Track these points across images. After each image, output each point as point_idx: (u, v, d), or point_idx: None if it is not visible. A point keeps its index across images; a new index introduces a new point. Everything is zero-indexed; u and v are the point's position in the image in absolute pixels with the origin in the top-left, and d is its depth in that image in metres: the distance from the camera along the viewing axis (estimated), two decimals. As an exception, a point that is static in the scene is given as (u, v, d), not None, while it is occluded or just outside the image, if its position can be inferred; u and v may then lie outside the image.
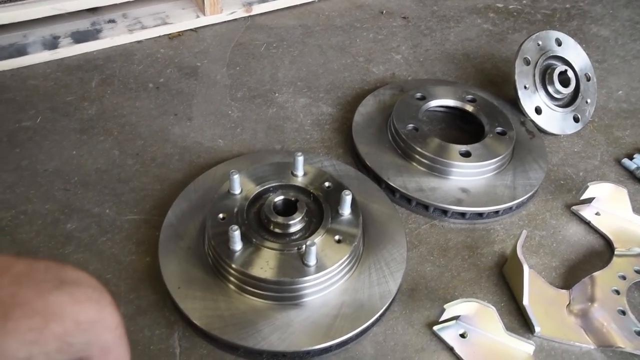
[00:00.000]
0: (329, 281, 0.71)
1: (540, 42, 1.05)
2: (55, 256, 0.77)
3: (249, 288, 0.70)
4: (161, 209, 0.84)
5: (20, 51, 1.11)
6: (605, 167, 1.00)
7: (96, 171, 0.90)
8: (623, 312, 0.73)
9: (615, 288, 0.75)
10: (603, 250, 0.85)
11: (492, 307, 0.68)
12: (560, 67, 1.04)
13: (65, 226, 0.81)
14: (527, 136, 1.01)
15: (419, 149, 0.90)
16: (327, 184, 0.80)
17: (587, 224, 0.88)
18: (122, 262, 0.78)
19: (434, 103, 1.02)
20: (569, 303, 0.75)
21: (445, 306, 0.68)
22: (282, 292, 0.70)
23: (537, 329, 0.71)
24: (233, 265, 0.70)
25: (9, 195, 0.84)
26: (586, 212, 0.89)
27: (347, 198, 0.75)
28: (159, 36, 1.21)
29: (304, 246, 0.69)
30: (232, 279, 0.71)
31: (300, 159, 0.80)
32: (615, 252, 0.81)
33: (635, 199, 0.92)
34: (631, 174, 0.98)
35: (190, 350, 0.69)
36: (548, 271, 0.81)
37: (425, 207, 0.87)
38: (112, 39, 1.17)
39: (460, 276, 0.79)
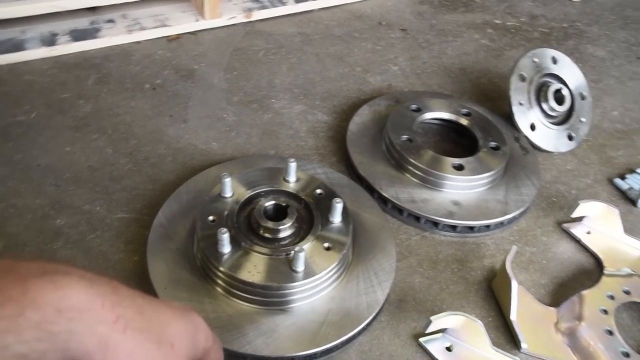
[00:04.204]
0: (316, 288, 0.70)
1: (536, 59, 1.06)
2: (43, 251, 0.76)
3: (236, 292, 0.70)
4: (152, 208, 0.84)
5: (18, 46, 1.10)
6: (597, 186, 1.00)
7: (88, 168, 0.89)
8: (610, 332, 0.72)
9: (604, 308, 0.75)
10: (592, 269, 0.85)
11: (479, 321, 0.67)
12: (556, 85, 1.04)
13: (55, 222, 0.80)
14: (520, 152, 1.01)
15: (412, 161, 0.90)
16: (318, 191, 0.80)
17: (578, 241, 0.88)
18: (110, 260, 0.77)
19: (429, 115, 1.02)
20: (557, 321, 0.75)
21: (431, 318, 0.67)
22: (269, 297, 0.69)
23: (523, 345, 0.71)
24: (221, 268, 0.69)
25: (0, 188, 0.84)
26: (577, 230, 0.89)
27: (338, 206, 0.74)
28: (158, 38, 1.21)
29: (292, 252, 0.69)
30: (219, 281, 0.70)
31: (292, 165, 0.79)
32: (605, 272, 0.81)
33: (626, 219, 0.92)
34: (623, 194, 0.99)
35: (174, 352, 0.68)
36: (537, 288, 0.81)
37: (417, 218, 0.87)
38: (111, 38, 1.17)
39: (449, 289, 0.79)
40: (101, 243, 0.79)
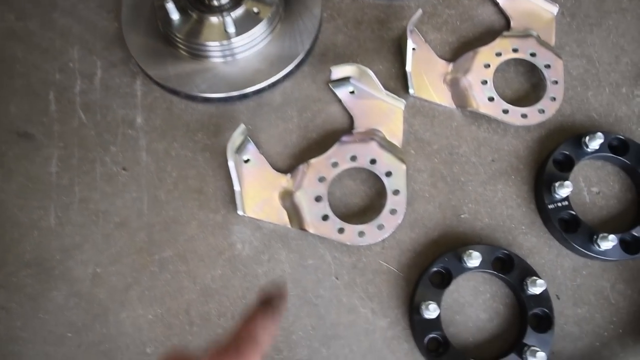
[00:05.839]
0: (246, 45, 0.89)
1: None
2: (44, 20, 0.98)
3: (187, 49, 0.90)
4: (127, -20, 1.00)
5: None
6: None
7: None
8: (486, 82, 0.88)
9: (488, 62, 0.90)
10: (500, 31, 0.96)
11: (369, 70, 0.85)
12: None
13: (49, -7, 1.00)
14: None
15: None
16: (255, -40, 0.92)
17: (497, 4, 0.97)
18: (97, 26, 0.98)
19: None
20: (448, 73, 0.91)
21: (331, 68, 0.86)
22: (212, 52, 0.89)
23: (411, 90, 0.89)
24: (177, 34, 0.88)
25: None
26: (498, -7, 0.97)
27: (265, -25, 0.88)
28: None
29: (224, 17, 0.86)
30: (174, 42, 0.90)
31: (231, -63, 0.90)
32: (503, 33, 0.92)
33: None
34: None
35: (148, 93, 0.93)
36: (443, 45, 0.95)
37: (350, -15, 0.98)
38: None
39: (365, 45, 0.95)
40: (89, 13, 0.99)
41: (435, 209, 0.85)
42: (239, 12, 0.88)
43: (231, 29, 0.87)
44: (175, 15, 0.88)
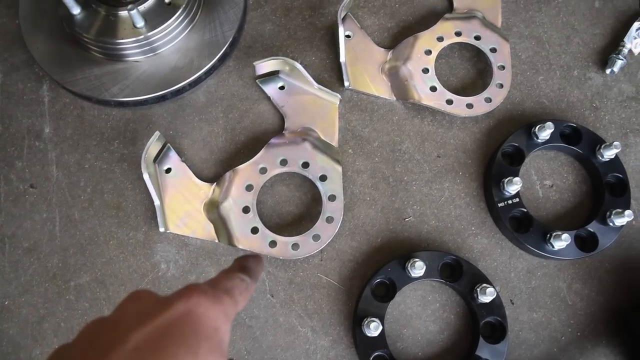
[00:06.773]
0: (161, 41, 0.79)
1: None
2: None
3: (101, 50, 0.80)
4: (28, -28, 0.88)
5: None
6: None
7: None
8: (427, 70, 0.81)
9: (429, 49, 0.82)
10: (444, 13, 0.88)
11: (297, 62, 0.77)
12: None
13: (-62, -10, 0.88)
14: None
15: None
16: (166, -56, 0.81)
17: (438, -17, 0.89)
18: (-6, 24, 0.87)
19: None
20: (385, 62, 0.83)
21: (254, 63, 0.77)
22: (127, 52, 0.79)
23: (346, 83, 0.81)
24: (83, 33, 0.78)
25: None
26: (441, -29, 0.89)
27: (174, -40, 0.77)
28: None
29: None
30: (83, 43, 0.80)
31: None
32: (445, 16, 0.84)
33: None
34: None
35: (56, 99, 0.83)
36: (381, 31, 0.87)
37: (278, -33, 0.88)
38: None
39: (296, 35, 0.86)
40: (-17, 8, 0.87)
41: (377, 214, 0.78)
42: (148, 3, 0.78)
43: (140, 23, 0.77)
44: (76, 10, 0.77)
